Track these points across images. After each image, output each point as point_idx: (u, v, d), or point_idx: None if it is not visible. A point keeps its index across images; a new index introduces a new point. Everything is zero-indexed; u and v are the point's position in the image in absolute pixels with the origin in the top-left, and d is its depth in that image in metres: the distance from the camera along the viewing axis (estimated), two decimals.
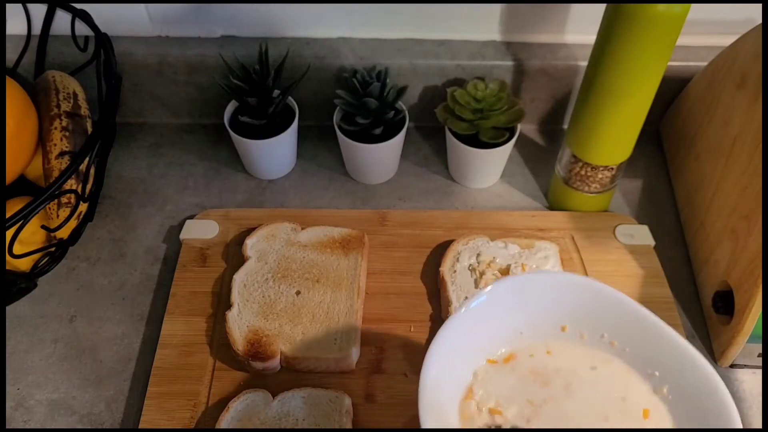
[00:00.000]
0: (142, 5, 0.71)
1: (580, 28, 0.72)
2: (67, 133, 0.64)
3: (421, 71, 0.73)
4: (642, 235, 0.67)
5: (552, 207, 0.72)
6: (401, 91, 0.68)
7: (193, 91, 0.76)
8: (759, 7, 0.69)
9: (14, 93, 0.62)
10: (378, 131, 0.68)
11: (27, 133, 0.63)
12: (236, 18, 0.73)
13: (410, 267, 0.65)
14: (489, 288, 0.46)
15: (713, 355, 0.61)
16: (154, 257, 0.68)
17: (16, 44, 0.72)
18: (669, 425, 0.45)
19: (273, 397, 0.55)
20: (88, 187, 0.63)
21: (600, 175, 0.66)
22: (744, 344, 0.57)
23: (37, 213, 0.57)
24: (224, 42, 0.74)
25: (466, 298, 0.60)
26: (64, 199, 0.62)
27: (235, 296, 0.61)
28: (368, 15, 0.72)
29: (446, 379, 0.44)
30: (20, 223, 0.54)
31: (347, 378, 0.58)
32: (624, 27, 0.53)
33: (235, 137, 0.69)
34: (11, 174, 0.63)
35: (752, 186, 0.56)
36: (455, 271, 0.62)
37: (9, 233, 0.56)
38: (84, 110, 0.67)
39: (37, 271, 0.64)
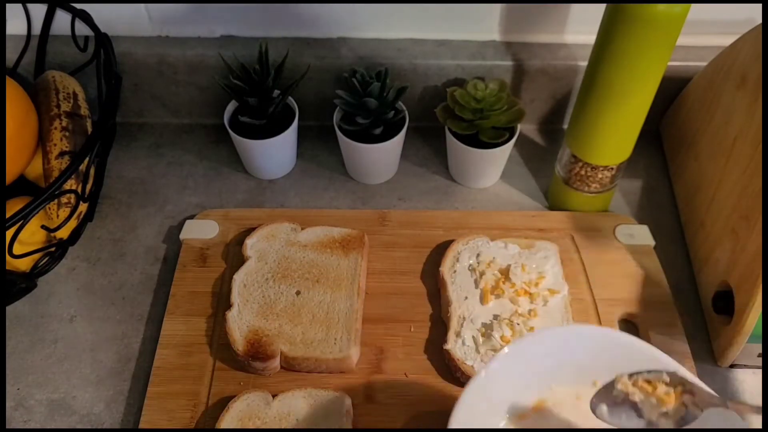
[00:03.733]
0: (142, 5, 0.71)
1: (580, 28, 0.72)
2: (67, 133, 0.64)
3: (421, 71, 0.73)
4: (642, 235, 0.67)
5: (552, 207, 0.72)
6: (401, 91, 0.68)
7: (193, 91, 0.76)
8: (759, 7, 0.69)
9: (14, 93, 0.62)
10: (378, 131, 0.68)
11: (27, 133, 0.63)
12: (236, 18, 0.73)
13: (410, 267, 0.65)
14: (507, 348, 0.46)
15: (713, 355, 0.61)
16: (154, 257, 0.68)
17: (16, 44, 0.72)
18: None
19: (273, 397, 0.55)
20: (88, 187, 0.63)
21: (600, 175, 0.66)
22: (744, 344, 0.57)
23: (37, 213, 0.57)
24: (224, 42, 0.74)
25: (466, 298, 0.60)
26: (64, 199, 0.62)
27: (235, 296, 0.61)
28: (368, 15, 0.72)
29: None
30: (20, 223, 0.54)
31: (347, 378, 0.58)
32: (624, 27, 0.53)
33: (235, 137, 0.69)
34: (11, 174, 0.63)
35: (752, 186, 0.56)
36: (455, 271, 0.62)
37: (9, 233, 0.56)
38: (84, 110, 0.67)
39: (37, 271, 0.64)
